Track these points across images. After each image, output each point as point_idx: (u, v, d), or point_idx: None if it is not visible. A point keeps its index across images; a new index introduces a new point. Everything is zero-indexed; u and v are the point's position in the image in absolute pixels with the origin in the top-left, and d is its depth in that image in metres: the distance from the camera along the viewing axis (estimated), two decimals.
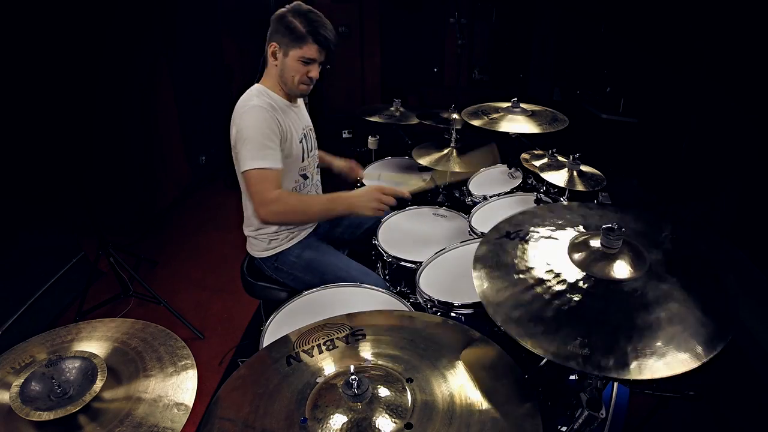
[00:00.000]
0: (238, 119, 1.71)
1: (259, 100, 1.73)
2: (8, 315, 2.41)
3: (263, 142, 1.66)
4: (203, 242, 3.44)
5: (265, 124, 1.68)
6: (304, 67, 1.75)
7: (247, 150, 1.65)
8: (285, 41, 1.71)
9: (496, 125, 2.23)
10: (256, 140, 1.65)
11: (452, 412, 0.95)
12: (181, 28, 3.64)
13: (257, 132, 1.66)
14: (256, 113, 1.68)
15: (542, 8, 4.02)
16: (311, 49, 1.72)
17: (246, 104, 1.72)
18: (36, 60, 2.56)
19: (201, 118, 4.02)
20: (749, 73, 2.34)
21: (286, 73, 1.77)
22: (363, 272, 1.89)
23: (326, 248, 1.98)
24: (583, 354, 0.94)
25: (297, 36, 1.69)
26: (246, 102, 1.74)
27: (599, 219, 1.32)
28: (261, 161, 1.65)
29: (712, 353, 0.92)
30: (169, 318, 2.60)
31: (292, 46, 1.71)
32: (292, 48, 1.72)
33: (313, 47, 1.72)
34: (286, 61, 1.74)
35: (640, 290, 1.06)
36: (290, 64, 1.74)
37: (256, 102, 1.71)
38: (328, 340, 1.16)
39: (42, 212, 2.73)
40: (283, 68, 1.76)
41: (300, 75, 1.76)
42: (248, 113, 1.69)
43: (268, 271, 1.94)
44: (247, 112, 1.69)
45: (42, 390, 0.94)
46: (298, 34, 1.69)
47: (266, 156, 1.66)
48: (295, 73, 1.76)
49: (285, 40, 1.71)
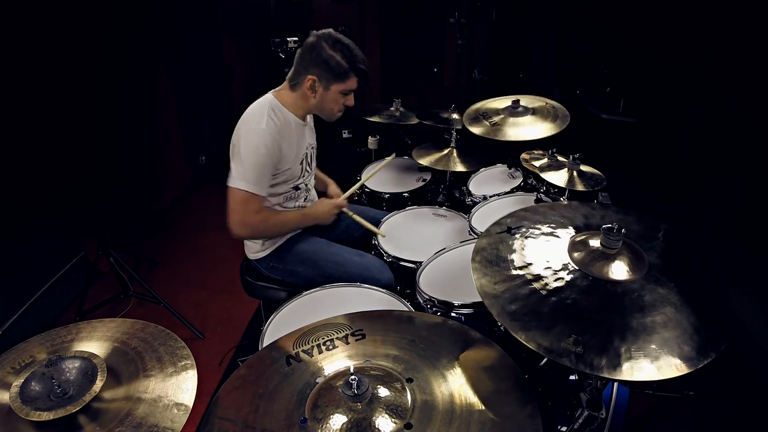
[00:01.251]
0: (242, 134, 1.71)
1: (269, 123, 1.71)
2: (8, 315, 2.41)
3: (260, 170, 1.70)
4: (203, 242, 3.44)
5: (268, 153, 1.69)
6: (342, 98, 1.79)
7: (243, 170, 1.69)
8: (326, 76, 1.72)
9: (499, 132, 2.22)
10: (254, 166, 1.68)
11: (452, 412, 0.95)
12: (181, 28, 3.63)
13: (258, 158, 1.68)
14: (262, 138, 1.68)
15: (542, 8, 4.02)
16: (353, 82, 1.76)
17: (255, 123, 1.71)
18: (36, 60, 2.56)
19: (201, 118, 4.02)
20: (749, 73, 2.34)
21: (325, 105, 1.80)
22: (356, 253, 1.92)
23: (316, 238, 2.00)
24: (577, 352, 0.94)
25: (340, 72, 1.72)
26: (258, 119, 1.72)
27: (600, 219, 1.32)
28: (252, 186, 1.69)
29: (705, 361, 0.93)
30: (169, 318, 2.60)
31: (334, 81, 1.73)
32: (335, 83, 1.74)
33: (355, 80, 1.75)
34: (326, 94, 1.76)
35: (638, 292, 1.06)
36: (331, 97, 1.77)
37: (265, 124, 1.70)
38: (328, 340, 1.16)
39: (42, 212, 2.73)
40: (322, 101, 1.78)
41: (339, 106, 1.81)
42: (256, 136, 1.69)
43: (266, 272, 1.95)
44: (255, 135, 1.69)
45: (42, 390, 0.94)
46: (341, 71, 1.71)
47: (258, 183, 1.70)
48: (335, 105, 1.80)
49: (327, 75, 1.72)
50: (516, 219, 1.35)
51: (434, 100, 4.65)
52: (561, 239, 1.24)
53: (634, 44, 3.23)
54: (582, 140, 2.50)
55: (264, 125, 1.70)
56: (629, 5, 3.26)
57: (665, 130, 2.99)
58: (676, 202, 2.85)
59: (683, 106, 2.81)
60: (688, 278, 1.11)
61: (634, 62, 3.27)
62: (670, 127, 2.93)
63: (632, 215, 1.33)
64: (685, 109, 2.80)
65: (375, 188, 2.56)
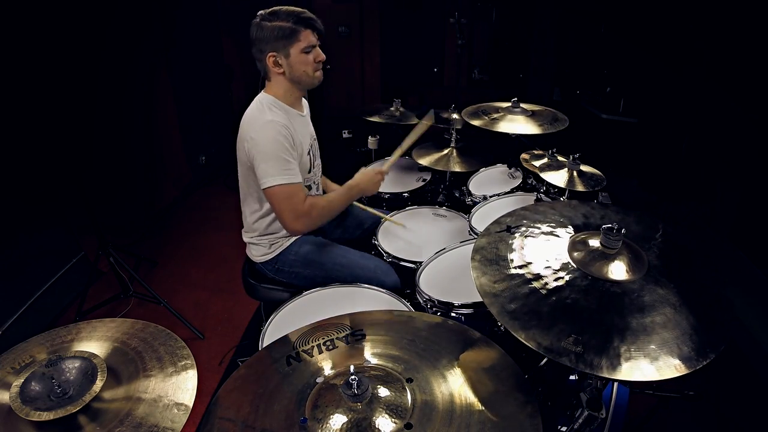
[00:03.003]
0: (253, 133, 1.69)
1: (273, 114, 1.72)
2: (8, 315, 2.41)
3: (284, 158, 1.67)
4: (203, 242, 3.44)
5: (284, 139, 1.68)
6: (309, 56, 1.74)
7: (270, 166, 1.66)
8: (280, 44, 1.69)
9: (496, 125, 2.24)
10: (277, 156, 1.66)
11: (452, 412, 0.95)
12: (181, 27, 3.63)
13: (278, 148, 1.66)
14: (274, 129, 1.67)
15: (542, 8, 4.02)
16: (307, 36, 1.71)
17: (260, 118, 1.71)
18: (35, 60, 2.56)
19: (201, 118, 4.02)
20: (749, 73, 2.34)
21: (296, 72, 1.75)
22: (361, 256, 1.91)
23: (322, 240, 1.99)
24: (576, 351, 0.94)
25: (288, 33, 1.68)
26: (259, 116, 1.72)
27: (600, 219, 1.32)
28: (285, 177, 1.66)
29: (704, 362, 0.93)
30: (169, 318, 2.60)
31: (289, 44, 1.70)
32: (291, 45, 1.70)
33: (308, 32, 1.71)
34: (290, 61, 1.73)
35: (637, 293, 1.06)
36: (296, 61, 1.73)
37: (270, 117, 1.70)
38: (328, 340, 1.16)
39: (42, 212, 2.72)
40: (291, 69, 1.74)
41: (310, 65, 1.76)
42: (266, 129, 1.68)
43: (270, 274, 1.94)
44: (265, 128, 1.68)
45: (42, 390, 0.94)
46: (288, 31, 1.68)
47: (289, 171, 1.68)
48: (305, 66, 1.75)
49: (280, 44, 1.69)
50: (516, 218, 1.35)
51: (434, 100, 4.65)
52: (561, 239, 1.25)
53: (634, 44, 3.23)
54: (582, 140, 2.50)
55: (269, 116, 1.70)
56: (629, 5, 3.26)
57: (665, 130, 2.99)
58: (676, 202, 2.85)
59: (683, 106, 2.81)
60: (687, 278, 1.11)
61: (634, 62, 3.27)
62: (670, 127, 2.93)
63: (632, 215, 1.33)
64: (684, 109, 2.80)
65: None
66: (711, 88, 2.58)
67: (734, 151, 2.47)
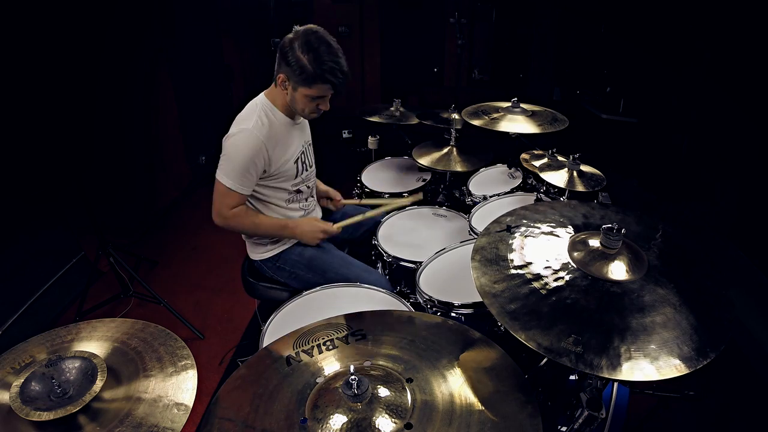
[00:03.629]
0: (232, 133, 1.72)
1: (257, 123, 1.71)
2: (8, 315, 2.41)
3: (243, 169, 1.70)
4: (203, 242, 3.44)
5: (251, 153, 1.69)
6: (312, 102, 1.72)
7: (227, 166, 1.71)
8: (294, 78, 1.66)
9: (496, 125, 2.24)
10: (236, 165, 1.70)
11: (452, 412, 0.95)
12: (181, 27, 3.63)
13: (241, 158, 1.69)
14: (247, 140, 1.68)
15: (542, 8, 4.02)
16: (321, 89, 1.68)
17: (245, 124, 1.71)
18: (36, 60, 2.56)
19: (201, 118, 4.02)
20: (749, 73, 2.34)
21: (295, 105, 1.75)
22: (365, 269, 1.90)
23: (328, 246, 1.99)
24: (576, 351, 0.94)
25: (306, 77, 1.63)
26: (246, 120, 1.72)
27: (600, 219, 1.32)
28: (233, 182, 1.71)
29: (704, 362, 0.93)
30: (169, 318, 2.60)
31: (300, 84, 1.66)
32: (301, 86, 1.67)
33: (324, 87, 1.67)
34: (295, 95, 1.71)
35: (637, 293, 1.06)
36: (299, 99, 1.71)
37: (252, 125, 1.69)
38: (328, 340, 1.16)
39: (42, 212, 2.72)
40: (292, 100, 1.74)
41: (309, 108, 1.74)
42: (241, 136, 1.69)
43: (269, 272, 1.94)
44: (241, 135, 1.69)
45: (42, 390, 0.94)
46: (306, 75, 1.63)
47: (241, 181, 1.72)
48: (304, 106, 1.74)
49: (293, 78, 1.66)
50: (515, 218, 1.35)
51: (434, 100, 4.64)
52: (561, 239, 1.25)
53: (634, 44, 3.23)
54: (582, 140, 2.50)
55: (251, 125, 1.69)
56: (629, 5, 3.26)
57: (665, 130, 2.99)
58: (676, 202, 2.85)
59: (683, 107, 2.81)
60: (687, 278, 1.11)
61: (634, 62, 3.27)
62: (670, 127, 2.93)
63: (632, 215, 1.33)
64: (684, 110, 2.80)
65: (375, 188, 2.56)
66: (711, 88, 2.59)
67: (734, 151, 2.47)
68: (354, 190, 2.65)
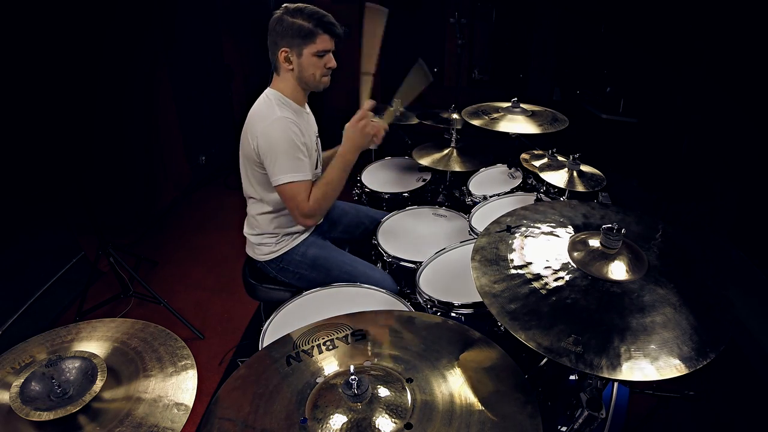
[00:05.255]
0: (264, 129, 1.68)
1: (282, 110, 1.71)
2: (8, 315, 2.41)
3: (296, 154, 1.68)
4: (203, 242, 3.44)
5: (296, 137, 1.68)
6: (320, 61, 1.74)
7: (282, 163, 1.67)
8: (295, 42, 1.69)
9: (496, 125, 2.24)
10: (289, 153, 1.67)
11: (452, 412, 0.95)
12: (181, 27, 3.63)
13: (289, 145, 1.67)
14: (285, 126, 1.67)
15: (542, 8, 4.02)
16: (323, 40, 1.71)
17: (270, 115, 1.70)
18: (36, 60, 2.56)
19: (201, 118, 4.02)
20: (749, 73, 2.34)
21: (305, 72, 1.75)
22: (369, 267, 1.91)
23: (330, 245, 1.99)
24: (576, 351, 0.94)
25: (306, 33, 1.68)
26: (269, 112, 1.71)
27: (600, 219, 1.32)
28: (296, 174, 1.68)
29: (704, 362, 0.93)
30: (169, 318, 2.60)
31: (304, 44, 1.69)
32: (305, 46, 1.70)
33: (325, 38, 1.71)
34: (301, 61, 1.72)
35: (637, 293, 1.06)
36: (307, 62, 1.73)
37: (280, 113, 1.69)
38: (328, 340, 1.16)
39: (42, 212, 2.73)
40: (300, 69, 1.74)
41: (320, 69, 1.76)
42: (277, 126, 1.67)
43: (273, 273, 1.94)
44: (276, 124, 1.67)
45: (42, 390, 0.94)
46: (306, 31, 1.68)
47: (299, 168, 1.69)
48: (315, 69, 1.75)
49: (295, 41, 1.69)
50: (516, 218, 1.35)
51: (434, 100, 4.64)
52: (561, 239, 1.24)
53: (634, 44, 3.23)
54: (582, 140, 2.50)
55: (279, 113, 1.69)
56: (629, 5, 3.26)
57: (665, 130, 3.00)
58: (676, 202, 2.85)
59: (683, 106, 2.81)
60: (687, 278, 1.11)
61: (634, 62, 3.27)
62: (670, 127, 2.93)
63: (632, 215, 1.33)
64: (684, 109, 2.80)
65: (375, 188, 2.56)
66: (711, 88, 2.59)
67: (734, 151, 2.47)
68: (354, 189, 2.65)
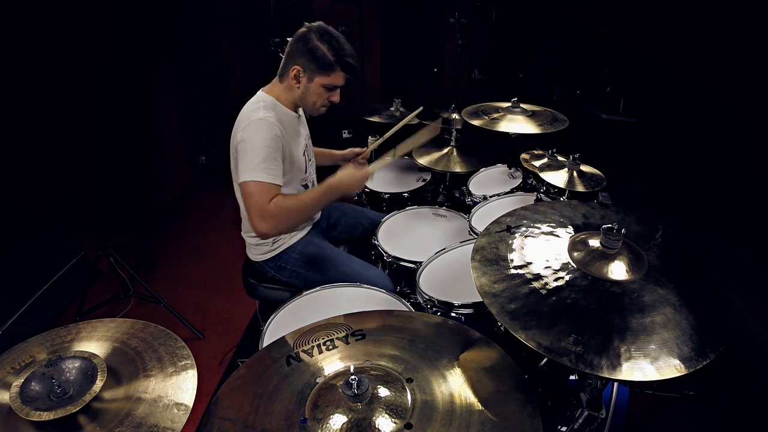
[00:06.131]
0: (242, 129, 1.67)
1: (266, 113, 1.68)
2: (8, 315, 2.41)
3: (267, 156, 1.62)
4: (203, 242, 3.44)
5: (271, 139, 1.64)
6: (327, 93, 1.74)
7: (249, 161, 1.61)
8: (311, 67, 1.68)
9: (496, 125, 2.24)
10: (259, 153, 1.61)
11: (452, 412, 0.95)
12: (181, 27, 3.63)
13: (262, 145, 1.62)
14: (262, 127, 1.64)
15: (542, 8, 4.02)
16: (338, 77, 1.71)
17: (252, 115, 1.68)
18: (35, 60, 2.56)
19: (201, 118, 4.02)
20: (749, 73, 2.34)
21: (308, 98, 1.75)
22: (365, 266, 1.91)
23: (326, 244, 1.99)
24: (576, 351, 0.94)
25: (324, 64, 1.67)
26: (252, 113, 1.69)
27: (600, 219, 1.32)
28: (262, 174, 1.60)
29: (704, 362, 0.93)
30: (169, 318, 2.60)
31: (318, 73, 1.68)
32: (318, 75, 1.69)
33: (340, 75, 1.70)
34: (309, 86, 1.72)
35: (637, 293, 1.06)
36: (314, 90, 1.72)
37: (262, 115, 1.67)
38: (328, 340, 1.16)
39: (42, 212, 2.72)
40: (305, 92, 1.74)
41: (322, 100, 1.76)
42: (255, 126, 1.65)
43: (271, 272, 1.94)
44: (254, 125, 1.65)
45: (42, 390, 0.94)
46: (325, 62, 1.66)
47: (268, 170, 1.61)
48: (317, 99, 1.75)
49: (311, 66, 1.68)
50: (515, 218, 1.35)
51: (434, 100, 4.65)
52: (561, 239, 1.24)
53: (634, 44, 3.23)
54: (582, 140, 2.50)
55: (261, 115, 1.67)
56: (629, 5, 3.26)
57: (665, 130, 3.00)
58: (676, 202, 2.85)
59: (683, 106, 2.81)
60: (687, 279, 1.11)
61: (634, 62, 3.27)
62: (669, 127, 2.93)
63: (632, 215, 1.33)
64: (684, 109, 2.80)
65: (375, 188, 2.56)
66: (711, 88, 2.59)
67: (734, 151, 2.47)
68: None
